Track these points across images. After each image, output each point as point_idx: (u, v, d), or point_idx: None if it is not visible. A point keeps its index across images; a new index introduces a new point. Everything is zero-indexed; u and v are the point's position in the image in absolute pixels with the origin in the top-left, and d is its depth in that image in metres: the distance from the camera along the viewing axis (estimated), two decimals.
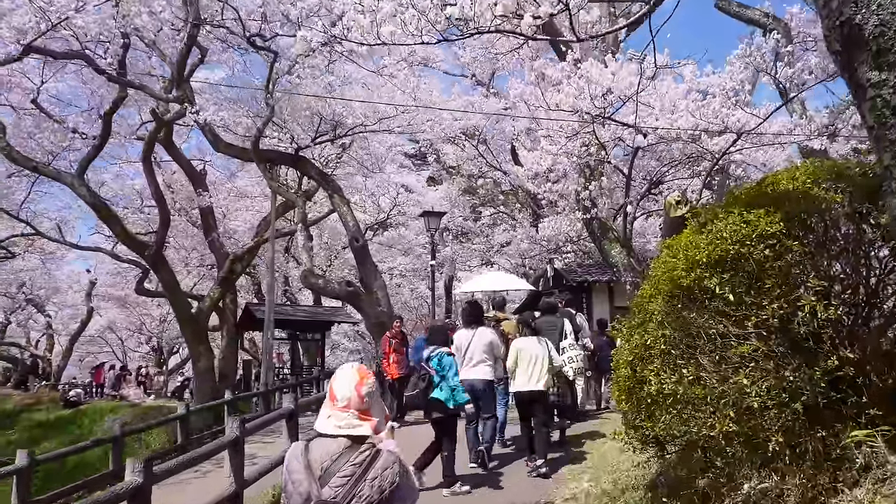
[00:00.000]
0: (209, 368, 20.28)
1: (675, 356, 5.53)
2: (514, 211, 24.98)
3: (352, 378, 2.70)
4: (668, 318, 5.74)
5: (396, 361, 12.86)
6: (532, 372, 8.79)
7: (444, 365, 7.68)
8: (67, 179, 18.08)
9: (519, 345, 9.08)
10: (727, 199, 6.10)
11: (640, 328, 5.99)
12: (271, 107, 14.71)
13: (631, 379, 5.96)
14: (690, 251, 5.67)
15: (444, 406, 7.60)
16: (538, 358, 8.84)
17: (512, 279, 12.13)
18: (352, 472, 2.55)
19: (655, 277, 6.03)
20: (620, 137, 13.02)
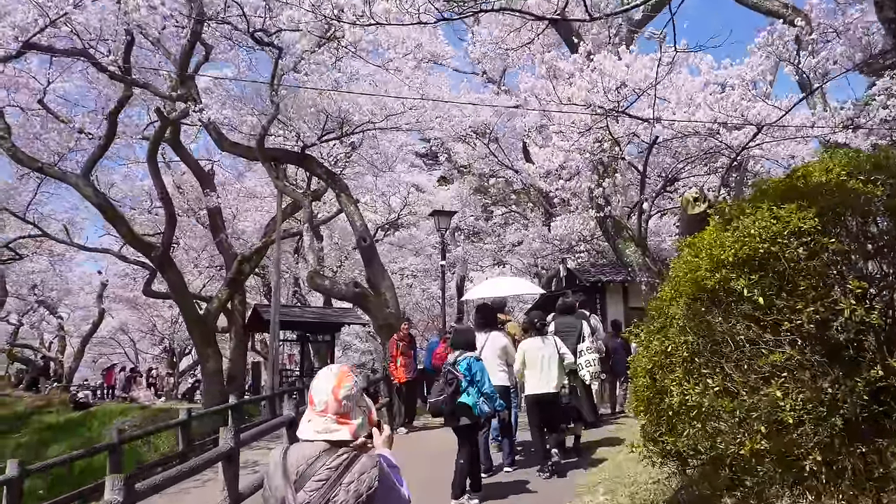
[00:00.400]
0: (217, 371, 19.95)
1: (699, 364, 5.04)
2: (525, 210, 24.46)
3: (329, 381, 2.60)
4: (690, 322, 5.25)
5: (404, 365, 12.43)
6: (542, 373, 8.42)
7: (475, 370, 7.28)
8: (72, 180, 17.76)
9: (525, 346, 8.69)
10: (754, 193, 5.60)
11: (660, 333, 5.50)
12: (276, 104, 14.30)
13: (650, 388, 5.47)
14: (715, 250, 5.18)
15: (470, 411, 7.19)
16: (547, 358, 8.47)
17: (520, 283, 11.61)
18: (327, 475, 2.47)
19: (676, 278, 5.54)
20: (635, 133, 12.51)
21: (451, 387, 7.15)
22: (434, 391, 7.36)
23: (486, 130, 22.78)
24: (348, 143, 19.93)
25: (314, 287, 15.08)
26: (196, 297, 22.90)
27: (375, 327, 15.21)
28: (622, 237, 14.16)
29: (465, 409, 7.20)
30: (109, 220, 18.05)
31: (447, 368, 7.33)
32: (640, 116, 12.12)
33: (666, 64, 11.21)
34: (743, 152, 11.36)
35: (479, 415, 7.25)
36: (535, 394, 8.43)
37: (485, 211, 27.29)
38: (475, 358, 7.46)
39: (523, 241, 20.17)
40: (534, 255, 19.26)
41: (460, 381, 7.20)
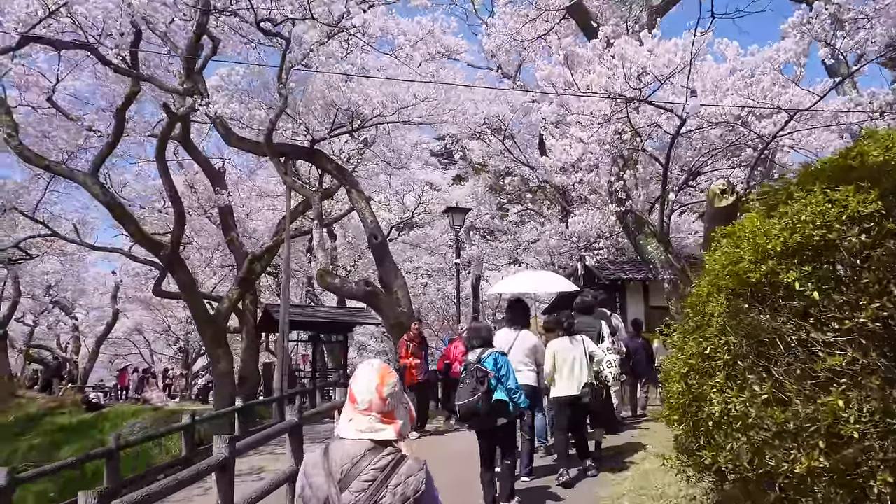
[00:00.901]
0: (229, 372, 19.47)
1: (743, 369, 4.40)
2: (542, 208, 23.77)
3: (372, 379, 2.52)
4: (731, 321, 4.60)
5: (415, 366, 11.83)
6: (573, 375, 7.94)
7: (500, 365, 6.77)
8: (80, 178, 17.32)
9: (555, 347, 8.16)
10: (802, 173, 4.93)
11: (697, 334, 4.86)
12: (284, 97, 13.78)
13: (686, 395, 4.83)
14: (759, 239, 4.53)
15: (506, 409, 6.68)
16: (578, 360, 8.00)
17: (552, 278, 10.86)
18: (373, 476, 2.40)
19: (713, 272, 4.89)
20: (657, 123, 11.83)
21: (483, 385, 6.60)
22: (463, 391, 6.73)
23: (501, 126, 22.17)
24: (360, 140, 19.41)
25: (324, 286, 14.53)
26: (207, 297, 22.46)
27: (387, 327, 14.64)
28: (643, 233, 13.49)
29: (502, 408, 6.68)
30: (118, 219, 17.61)
31: (474, 366, 6.76)
32: (663, 105, 11.46)
33: (690, 49, 10.57)
34: (773, 141, 10.64)
35: (514, 412, 6.79)
36: (564, 396, 7.96)
37: (500, 209, 26.61)
38: (500, 353, 6.97)
39: (540, 238, 19.45)
40: (551, 252, 18.59)
41: (490, 380, 6.66)
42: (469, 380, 6.73)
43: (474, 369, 6.74)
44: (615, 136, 12.30)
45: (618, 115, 12.08)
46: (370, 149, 20.45)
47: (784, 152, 13.59)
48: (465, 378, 6.79)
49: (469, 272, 29.59)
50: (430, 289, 31.15)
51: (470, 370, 6.78)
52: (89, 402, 23.97)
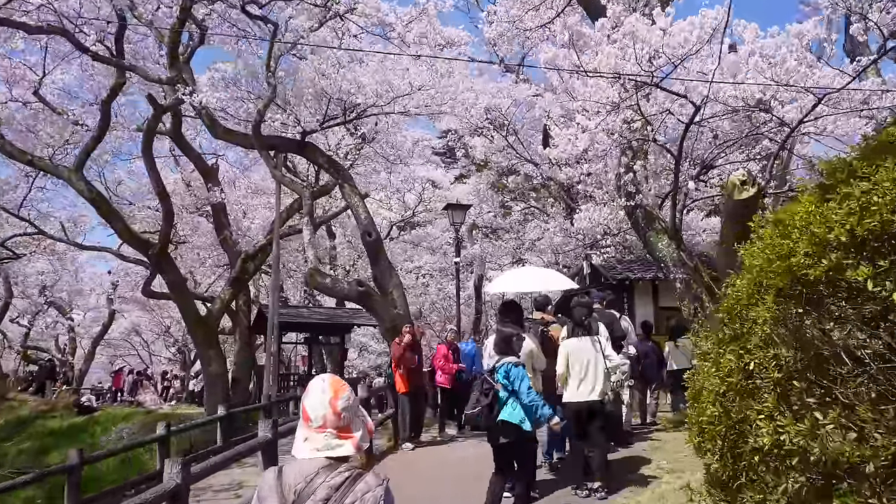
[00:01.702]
0: (221, 374, 18.60)
1: (800, 390, 3.44)
2: (545, 205, 22.79)
3: (325, 393, 2.36)
4: (781, 329, 3.67)
5: (408, 372, 10.90)
6: (587, 378, 7.17)
7: (513, 377, 6.04)
8: (65, 174, 16.50)
9: (570, 346, 7.38)
10: (864, 147, 3.97)
11: (736, 344, 3.90)
12: (273, 86, 12.89)
13: (723, 420, 3.87)
14: (816, 227, 3.57)
15: (515, 428, 5.96)
16: (592, 361, 7.21)
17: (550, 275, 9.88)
18: (326, 495, 2.25)
19: (757, 268, 3.94)
20: (669, 110, 10.87)
21: (487, 398, 5.97)
22: (470, 402, 6.16)
23: (503, 121, 21.23)
24: (358, 136, 18.49)
25: (314, 286, 13.61)
26: (199, 298, 21.57)
27: (382, 330, 13.71)
28: (653, 229, 12.54)
29: (506, 426, 5.98)
30: (104, 216, 16.76)
31: (483, 376, 6.18)
32: (675, 92, 10.50)
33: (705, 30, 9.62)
34: (799, 127, 9.65)
35: (527, 431, 6.06)
36: (577, 401, 7.20)
37: (503, 207, 25.63)
38: (514, 364, 6.18)
39: (543, 236, 18.46)
40: (555, 250, 17.60)
41: (498, 392, 6.00)
42: (476, 389, 6.13)
43: (482, 380, 6.13)
44: (624, 126, 11.34)
45: (627, 103, 11.12)
46: (370, 145, 19.56)
47: (804, 143, 12.60)
48: (475, 385, 6.19)
49: (472, 272, 28.68)
50: (431, 289, 30.19)
51: (479, 380, 6.19)
52: (81, 406, 23.10)
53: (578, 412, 7.24)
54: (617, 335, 9.69)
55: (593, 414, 7.23)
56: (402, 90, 12.90)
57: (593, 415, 7.24)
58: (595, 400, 7.17)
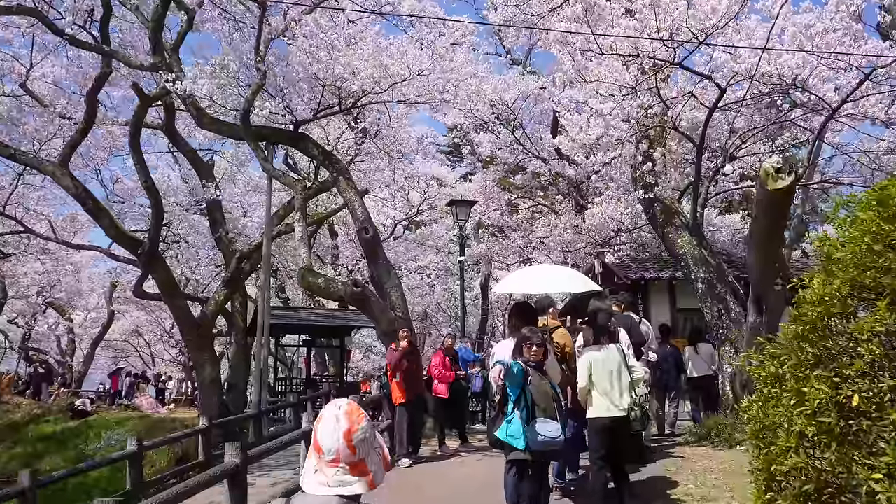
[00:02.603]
0: (215, 379, 17.55)
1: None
2: (554, 203, 21.65)
3: (339, 423, 2.10)
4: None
5: (406, 380, 9.83)
6: (613, 392, 6.23)
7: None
8: (49, 168, 15.49)
9: (592, 356, 6.42)
10: None
11: (828, 370, 2.80)
12: (262, 72, 11.82)
13: (810, 475, 2.77)
14: None
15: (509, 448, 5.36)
16: (617, 371, 6.30)
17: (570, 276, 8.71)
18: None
19: (850, 264, 2.85)
20: (692, 93, 9.76)
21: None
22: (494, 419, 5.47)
23: (510, 116, 20.14)
24: (359, 130, 17.45)
25: (306, 287, 12.57)
26: (193, 299, 20.57)
27: (379, 333, 12.65)
28: (673, 224, 11.41)
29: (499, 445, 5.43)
30: (90, 213, 15.79)
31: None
32: (699, 72, 9.39)
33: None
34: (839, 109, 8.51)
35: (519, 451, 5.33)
36: (603, 417, 6.26)
37: (509, 205, 24.49)
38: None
39: (552, 233, 17.31)
40: (564, 248, 16.46)
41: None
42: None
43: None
44: (640, 111, 10.22)
45: (645, 85, 10.01)
46: (374, 141, 18.52)
47: (834, 131, 11.44)
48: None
49: (478, 271, 27.61)
50: (436, 289, 29.12)
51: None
52: (75, 410, 22.14)
53: (605, 430, 6.25)
54: (636, 340, 8.61)
55: (620, 432, 6.29)
56: (399, 74, 11.81)
57: (620, 433, 6.30)
58: (622, 416, 6.20)
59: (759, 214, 8.82)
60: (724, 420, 10.26)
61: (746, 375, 10.31)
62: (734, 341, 10.68)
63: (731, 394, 10.60)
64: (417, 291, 27.74)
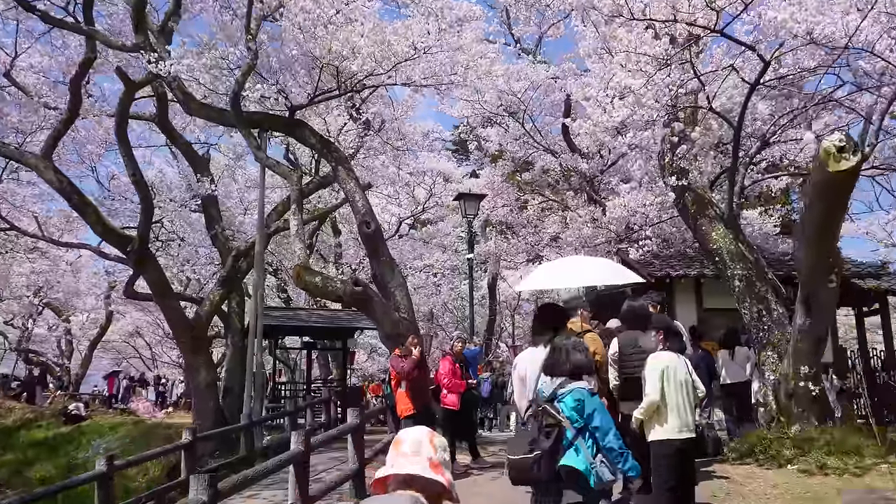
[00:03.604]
0: (210, 383, 16.42)
1: None
2: (565, 199, 20.39)
3: (423, 431, 2.20)
4: None
5: (413, 391, 8.64)
6: (685, 408, 5.23)
7: (589, 411, 4.02)
8: (32, 161, 14.39)
9: (664, 361, 5.31)
10: None
11: None
12: (254, 51, 10.67)
13: None
14: None
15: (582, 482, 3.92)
16: (689, 385, 5.31)
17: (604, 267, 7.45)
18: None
19: None
20: (733, 66, 8.54)
21: (549, 438, 3.94)
22: (518, 442, 4.09)
23: (519, 107, 18.91)
24: (362, 122, 16.26)
25: (302, 286, 11.37)
26: (187, 299, 19.45)
27: (382, 336, 11.44)
28: (706, 216, 10.18)
29: (572, 477, 3.94)
30: (75, 208, 14.69)
31: (541, 407, 4.04)
32: (743, 42, 8.17)
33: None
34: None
35: (596, 486, 3.94)
36: (675, 439, 5.15)
37: (518, 201, 23.21)
38: (589, 391, 4.17)
39: (570, 226, 16.02)
40: (583, 243, 15.15)
41: (565, 430, 3.97)
42: (531, 425, 4.04)
43: (540, 411, 4.05)
44: (673, 89, 8.98)
45: (678, 59, 8.80)
46: (377, 134, 17.37)
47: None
48: (526, 420, 4.23)
49: (485, 270, 26.39)
50: (443, 289, 27.90)
51: (535, 411, 4.07)
52: (68, 414, 21.00)
53: (677, 455, 5.13)
54: (676, 347, 7.43)
55: (690, 455, 5.27)
56: (403, 53, 10.59)
57: (691, 456, 5.29)
58: (694, 438, 5.22)
59: (815, 200, 7.60)
60: (769, 434, 9.04)
61: (793, 384, 9.11)
62: (777, 345, 9.44)
63: (773, 404, 9.36)
64: (423, 291, 26.54)
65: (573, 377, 4.14)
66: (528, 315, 32.38)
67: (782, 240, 15.21)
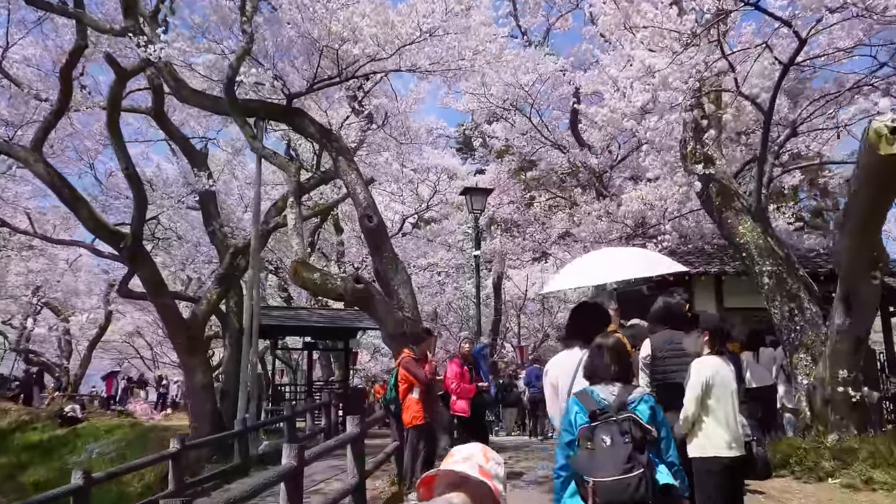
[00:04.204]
0: (207, 385, 15.74)
1: None
2: (573, 196, 19.61)
3: (478, 446, 2.11)
4: None
5: (425, 398, 7.88)
6: (733, 422, 4.46)
7: (661, 420, 3.39)
8: (20, 154, 13.69)
9: (709, 367, 4.54)
10: None
11: None
12: (249, 34, 9.92)
13: None
14: None
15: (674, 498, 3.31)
16: (733, 394, 4.54)
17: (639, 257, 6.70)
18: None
19: None
20: (766, 43, 7.77)
21: (643, 453, 3.19)
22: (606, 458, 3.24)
23: (526, 101, 18.18)
24: (364, 115, 15.52)
25: (299, 283, 10.61)
26: (183, 298, 18.73)
27: (384, 336, 10.69)
28: (732, 208, 9.41)
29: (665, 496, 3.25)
30: (66, 203, 14.00)
31: (621, 417, 3.29)
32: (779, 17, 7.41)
33: None
34: None
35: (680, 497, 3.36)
36: (723, 457, 4.39)
37: (525, 197, 22.43)
38: (651, 395, 3.52)
39: (585, 220, 15.21)
40: (597, 238, 14.34)
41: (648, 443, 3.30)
42: (615, 437, 3.24)
43: (627, 420, 3.26)
44: (698, 71, 8.21)
45: (705, 39, 8.04)
46: (382, 129, 16.66)
47: None
48: (600, 433, 3.28)
49: (490, 269, 25.63)
50: (447, 288, 27.13)
51: (614, 421, 3.29)
52: (64, 416, 20.28)
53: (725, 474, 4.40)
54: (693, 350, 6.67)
55: (741, 474, 4.51)
56: (409, 36, 9.83)
57: (741, 475, 4.53)
58: (744, 455, 4.42)
59: (863, 184, 6.82)
60: (804, 444, 8.27)
61: (830, 389, 8.34)
62: (811, 347, 8.66)
63: (807, 411, 8.58)
64: (427, 290, 25.77)
65: (625, 378, 3.46)
66: (534, 315, 31.63)
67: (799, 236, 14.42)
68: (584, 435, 3.25)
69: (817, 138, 11.45)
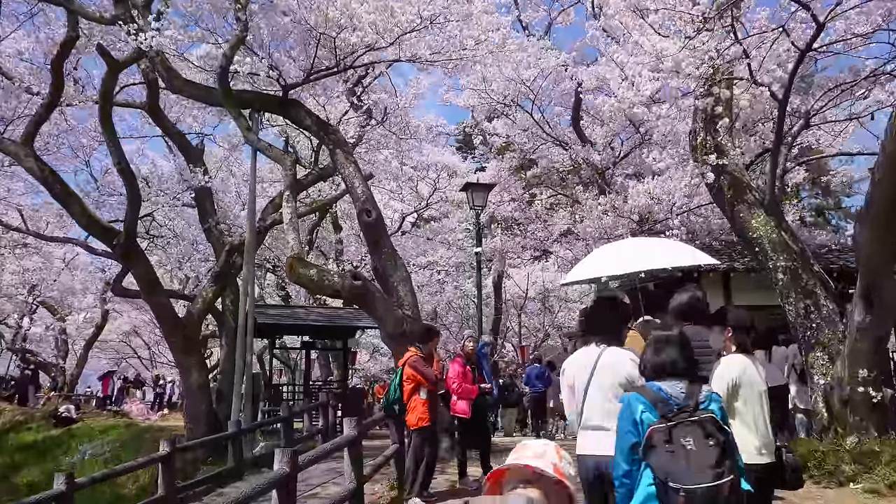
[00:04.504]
0: (203, 385, 15.34)
1: None
2: (574, 193, 19.24)
3: (549, 442, 1.98)
4: None
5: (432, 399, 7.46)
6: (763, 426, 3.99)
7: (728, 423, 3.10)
8: (11, 148, 13.33)
9: (738, 366, 4.08)
10: None
11: None
12: (244, 22, 9.52)
13: None
14: None
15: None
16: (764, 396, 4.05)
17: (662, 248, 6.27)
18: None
19: None
20: (783, 27, 7.39)
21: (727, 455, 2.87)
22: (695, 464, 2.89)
23: (528, 97, 17.80)
24: (364, 110, 15.12)
25: (295, 280, 10.21)
26: (179, 296, 18.32)
27: (383, 335, 10.29)
28: (744, 202, 9.02)
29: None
30: (58, 199, 13.63)
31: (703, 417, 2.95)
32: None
33: None
34: None
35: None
36: (755, 464, 3.87)
37: (525, 195, 22.04)
38: (716, 394, 3.21)
39: (591, 214, 14.80)
40: (601, 234, 13.93)
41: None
42: (699, 440, 2.90)
43: (708, 421, 2.93)
44: (712, 56, 7.82)
45: (718, 23, 7.65)
46: (381, 125, 16.27)
47: None
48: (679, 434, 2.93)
49: (490, 268, 25.24)
50: (447, 287, 26.73)
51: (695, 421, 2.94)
52: (58, 417, 19.87)
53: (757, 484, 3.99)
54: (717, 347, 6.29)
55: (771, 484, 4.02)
56: (409, 23, 9.44)
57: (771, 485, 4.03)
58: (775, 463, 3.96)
59: (887, 173, 6.44)
60: (821, 446, 7.87)
61: (849, 389, 7.95)
62: (828, 345, 8.27)
63: (825, 412, 8.19)
64: (427, 289, 25.38)
65: (693, 375, 3.13)
66: (535, 314, 31.24)
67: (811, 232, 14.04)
68: (658, 436, 2.87)
69: (830, 130, 11.06)
